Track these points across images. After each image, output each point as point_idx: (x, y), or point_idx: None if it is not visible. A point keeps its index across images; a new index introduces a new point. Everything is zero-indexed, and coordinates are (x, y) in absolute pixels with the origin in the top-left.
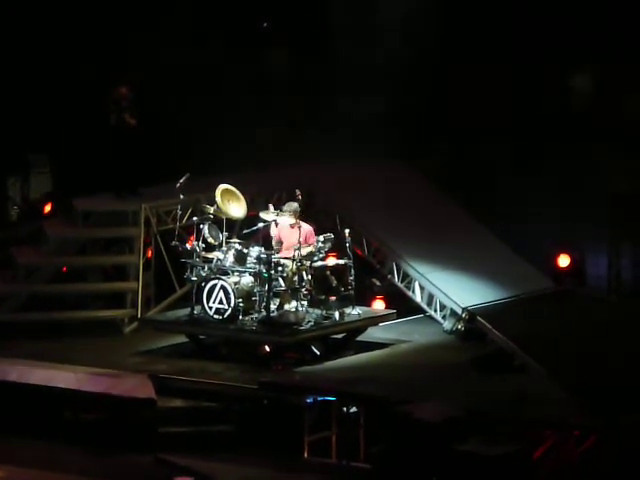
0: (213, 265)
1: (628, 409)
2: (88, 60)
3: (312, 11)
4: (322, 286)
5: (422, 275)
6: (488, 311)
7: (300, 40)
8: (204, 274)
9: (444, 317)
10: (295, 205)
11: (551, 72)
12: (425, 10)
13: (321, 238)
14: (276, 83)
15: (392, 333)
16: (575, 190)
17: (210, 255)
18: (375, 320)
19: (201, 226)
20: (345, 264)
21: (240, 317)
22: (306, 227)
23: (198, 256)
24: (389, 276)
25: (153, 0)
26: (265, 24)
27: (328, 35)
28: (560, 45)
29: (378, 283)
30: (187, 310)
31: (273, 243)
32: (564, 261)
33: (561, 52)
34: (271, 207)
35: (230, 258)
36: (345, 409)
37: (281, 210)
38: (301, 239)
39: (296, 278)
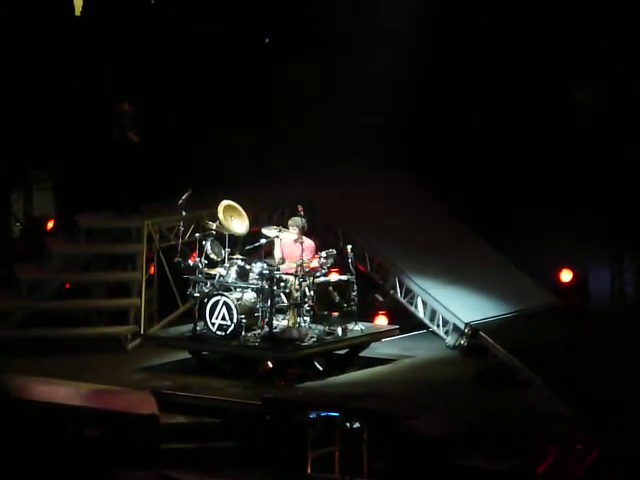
0: (216, 281)
1: (630, 424)
2: (91, 76)
3: (312, 22)
4: (325, 302)
5: (425, 290)
6: (491, 326)
7: (300, 51)
8: (207, 290)
9: (447, 332)
10: (299, 220)
11: (552, 85)
12: (426, 22)
13: (323, 254)
14: (277, 95)
15: (395, 348)
16: (577, 205)
17: (213, 271)
18: (378, 336)
19: (204, 242)
20: (348, 280)
21: (243, 333)
22: (308, 242)
23: (201, 272)
24: (392, 292)
25: (153, 16)
26: (267, 40)
27: (328, 46)
28: (563, 59)
29: (381, 299)
30: (190, 326)
31: (276, 259)
32: (567, 276)
33: (563, 66)
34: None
35: (233, 274)
36: (348, 425)
37: (284, 226)
38: (304, 255)
39: (299, 294)
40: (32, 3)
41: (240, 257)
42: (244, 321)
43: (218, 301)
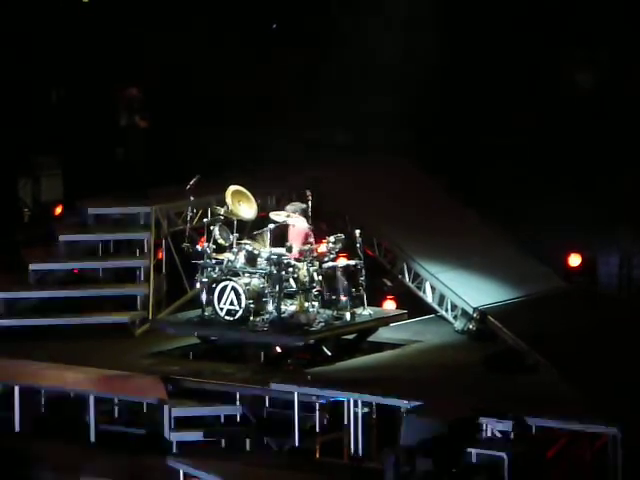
0: (224, 266)
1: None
2: (98, 61)
3: (320, 10)
4: (333, 287)
5: (433, 275)
6: (499, 311)
7: (308, 39)
8: (215, 275)
9: (455, 317)
10: (298, 205)
11: (562, 69)
12: (431, 9)
13: (332, 239)
14: (284, 83)
15: (403, 333)
16: (586, 189)
17: (221, 256)
18: (386, 320)
19: (212, 227)
20: (356, 265)
21: (251, 318)
22: (300, 227)
23: (209, 257)
24: (400, 276)
25: (162, 1)
26: (275, 25)
27: (335, 34)
28: (572, 44)
29: (389, 283)
30: (198, 312)
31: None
32: (575, 260)
33: (575, 51)
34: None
35: (241, 259)
36: (357, 409)
37: (284, 210)
38: (294, 238)
39: (307, 279)
40: None
41: (250, 242)
42: (252, 306)
43: (226, 286)
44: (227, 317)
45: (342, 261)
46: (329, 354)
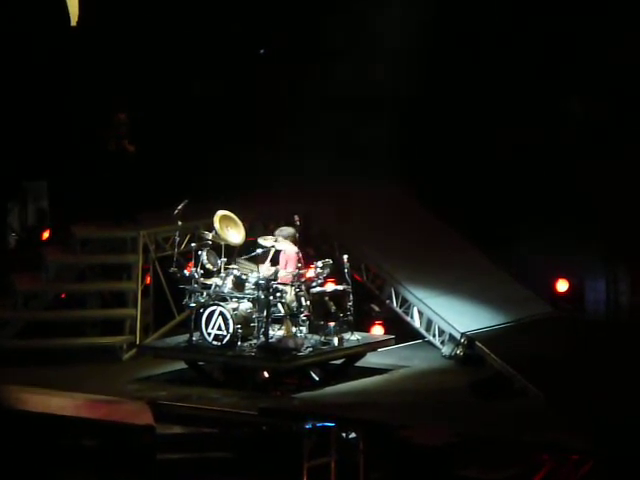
0: (212, 291)
1: (625, 434)
2: (87, 86)
3: (312, 32)
4: (321, 312)
5: (421, 300)
6: (487, 336)
7: (297, 61)
8: (203, 300)
9: (443, 342)
10: (286, 229)
11: (548, 94)
12: (424, 34)
13: (319, 264)
14: (274, 105)
15: (391, 358)
16: (573, 215)
17: (209, 281)
18: (374, 345)
19: (199, 252)
20: (344, 290)
21: (239, 343)
22: (289, 252)
23: (197, 282)
24: (388, 301)
25: (150, 27)
26: (262, 51)
27: (327, 55)
28: (563, 71)
29: (377, 309)
30: (186, 337)
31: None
32: (562, 286)
33: (562, 78)
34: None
35: (229, 284)
36: (344, 435)
37: (273, 235)
38: (281, 264)
39: (295, 304)
40: (27, 14)
41: (235, 267)
42: (240, 331)
43: (214, 311)
44: (215, 342)
45: (330, 286)
46: (317, 379)
